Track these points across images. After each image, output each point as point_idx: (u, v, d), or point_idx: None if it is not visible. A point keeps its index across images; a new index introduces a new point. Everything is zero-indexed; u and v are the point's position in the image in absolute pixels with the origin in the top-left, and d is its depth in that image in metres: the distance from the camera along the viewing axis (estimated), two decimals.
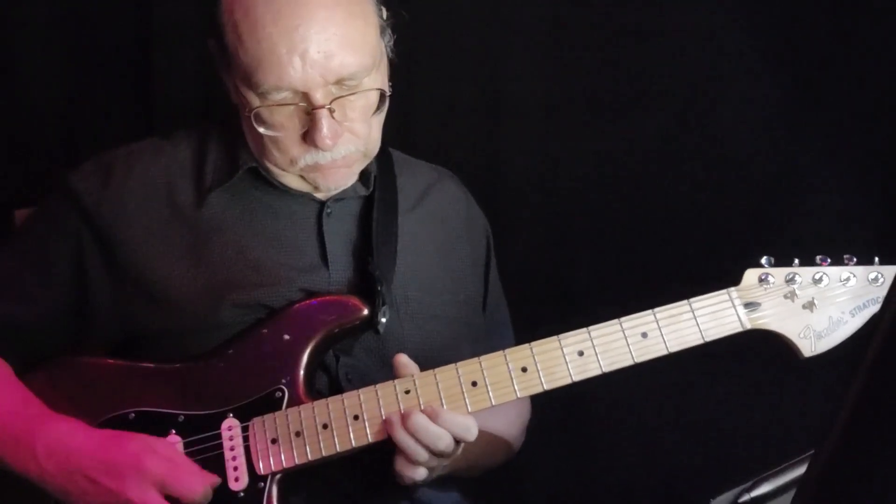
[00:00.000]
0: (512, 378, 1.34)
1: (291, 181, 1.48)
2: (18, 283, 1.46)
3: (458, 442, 1.32)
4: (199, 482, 1.31)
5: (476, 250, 1.64)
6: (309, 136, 1.37)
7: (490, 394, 1.34)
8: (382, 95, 1.41)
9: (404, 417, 1.31)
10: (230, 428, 1.36)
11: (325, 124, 1.35)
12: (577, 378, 1.35)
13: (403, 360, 1.35)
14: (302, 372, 1.38)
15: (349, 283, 1.47)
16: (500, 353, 1.36)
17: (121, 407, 1.38)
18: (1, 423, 1.35)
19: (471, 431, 1.31)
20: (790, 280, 1.40)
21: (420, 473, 1.33)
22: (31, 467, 1.33)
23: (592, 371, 1.35)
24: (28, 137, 1.93)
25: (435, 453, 1.31)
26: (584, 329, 1.36)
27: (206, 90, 1.92)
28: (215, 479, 1.33)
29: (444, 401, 1.33)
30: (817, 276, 1.40)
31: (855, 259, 1.41)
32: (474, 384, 1.34)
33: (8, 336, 1.45)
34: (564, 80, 2.00)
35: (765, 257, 1.41)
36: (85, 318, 1.45)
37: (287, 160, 1.42)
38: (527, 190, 2.03)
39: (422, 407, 1.33)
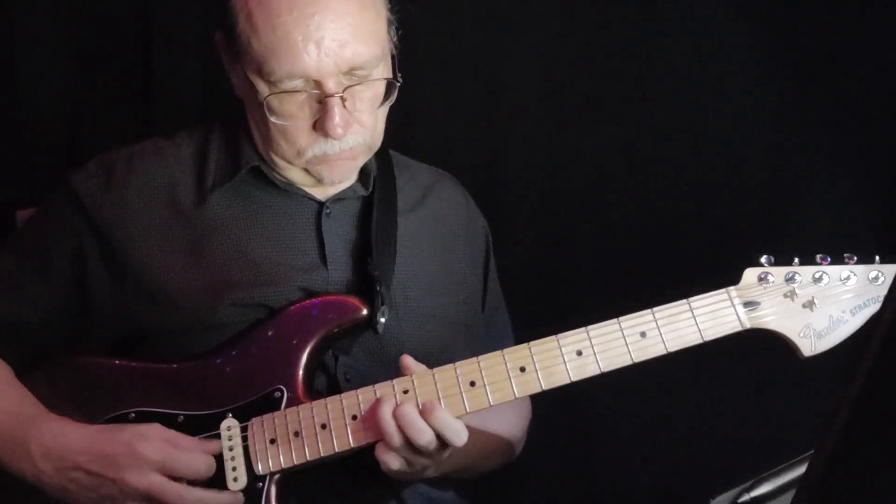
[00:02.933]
0: (510, 378, 1.34)
1: (295, 175, 1.48)
2: (19, 283, 1.47)
3: (443, 445, 1.32)
4: (198, 457, 1.32)
5: (475, 251, 1.64)
6: (320, 124, 1.38)
7: (488, 394, 1.34)
8: (390, 86, 1.42)
9: (397, 405, 1.30)
10: (229, 428, 1.36)
11: (338, 112, 1.36)
12: (575, 378, 1.35)
13: (408, 362, 1.35)
14: (301, 372, 1.38)
15: (348, 284, 1.47)
16: (499, 352, 1.36)
17: (121, 407, 1.39)
18: None
19: (460, 436, 1.31)
20: (790, 279, 1.39)
21: (395, 463, 1.31)
22: (27, 468, 1.34)
23: (591, 371, 1.35)
24: (29, 138, 1.94)
25: (413, 447, 1.30)
26: (583, 329, 1.36)
27: (206, 90, 1.93)
28: (214, 448, 1.34)
29: (442, 401, 1.33)
30: (817, 275, 1.39)
31: (855, 258, 1.40)
32: (472, 384, 1.34)
33: (8, 336, 1.46)
34: (563, 80, 2.00)
35: (764, 256, 1.41)
36: (85, 318, 1.46)
37: (294, 151, 1.42)
38: (526, 189, 2.04)
39: (419, 407, 1.32)
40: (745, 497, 1.12)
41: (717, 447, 1.89)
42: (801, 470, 1.13)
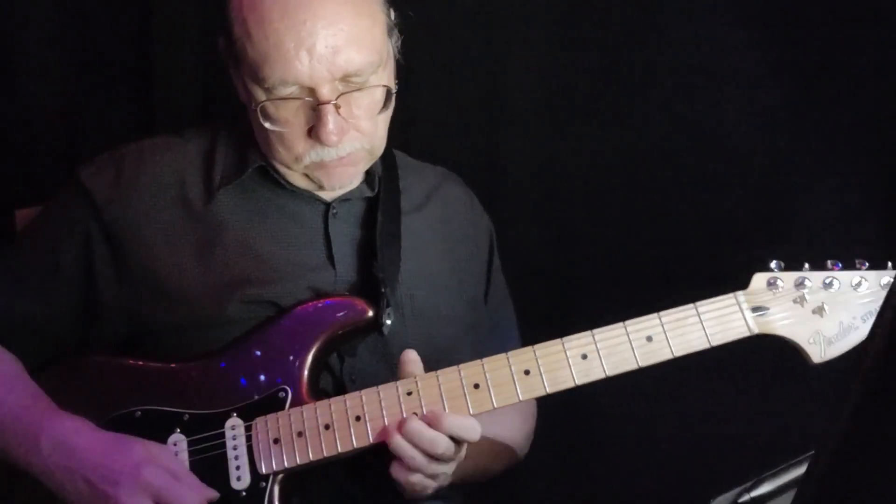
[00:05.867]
0: (514, 380, 1.37)
1: (297, 180, 1.52)
2: (29, 279, 1.52)
3: (458, 443, 1.36)
4: (196, 497, 1.35)
5: (480, 250, 1.68)
6: (314, 131, 1.42)
7: (492, 396, 1.37)
8: (389, 93, 1.45)
9: (400, 424, 1.34)
10: (233, 427, 1.40)
11: (331, 120, 1.40)
12: (580, 382, 1.38)
13: (411, 356, 1.39)
14: (306, 373, 1.42)
15: (355, 284, 1.52)
16: (503, 355, 1.39)
17: (128, 405, 1.43)
18: (9, 418, 1.40)
19: (475, 430, 1.35)
20: (800, 284, 1.42)
21: (418, 480, 1.36)
22: (35, 462, 1.37)
23: (596, 375, 1.38)
24: (29, 138, 1.98)
25: (433, 457, 1.35)
26: (588, 332, 1.39)
27: (206, 90, 1.96)
28: (213, 495, 1.37)
29: (445, 403, 1.37)
30: (828, 281, 1.42)
31: (867, 263, 1.42)
32: (476, 386, 1.38)
33: (19, 332, 1.50)
34: (565, 79, 2.03)
35: (774, 261, 1.43)
36: (93, 315, 1.50)
37: (292, 157, 1.47)
38: (527, 190, 2.06)
39: (423, 409, 1.37)
40: (745, 497, 1.14)
41: (718, 447, 1.92)
42: (801, 470, 1.14)
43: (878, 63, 1.88)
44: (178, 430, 1.41)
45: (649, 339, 1.39)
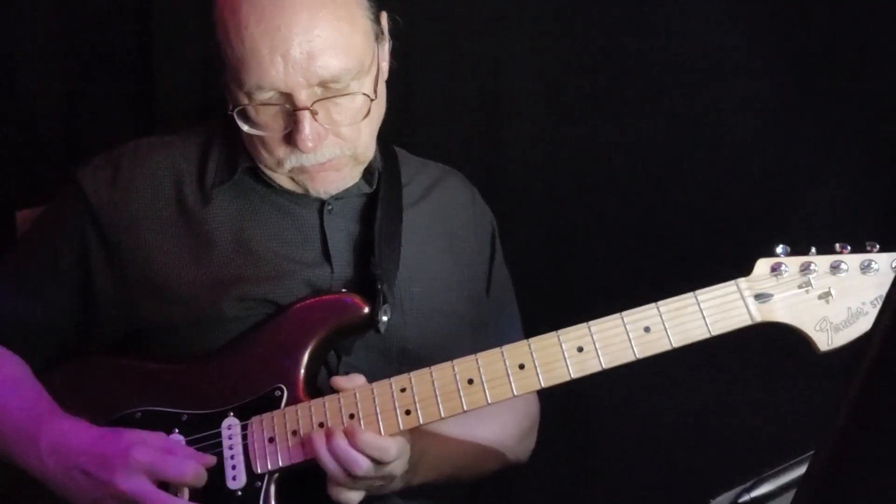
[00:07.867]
0: (509, 375, 1.35)
1: (284, 182, 1.52)
2: (29, 283, 1.52)
3: (380, 463, 1.33)
4: (188, 465, 1.33)
5: (482, 245, 1.67)
6: (291, 137, 1.41)
7: (486, 392, 1.35)
8: (370, 101, 1.43)
9: (328, 438, 1.33)
10: (230, 427, 1.40)
11: (307, 126, 1.39)
12: (575, 375, 1.35)
13: (339, 382, 1.37)
14: (302, 371, 1.41)
15: (352, 280, 1.50)
16: (498, 349, 1.37)
17: (127, 406, 1.43)
18: (11, 422, 1.41)
19: (388, 453, 1.32)
20: (805, 269, 1.35)
21: (352, 496, 1.34)
22: (35, 464, 1.38)
23: (592, 368, 1.34)
24: (29, 138, 1.98)
25: (353, 477, 1.33)
26: (584, 324, 1.35)
27: (206, 90, 1.95)
28: (208, 460, 1.37)
29: (439, 398, 1.35)
30: (835, 265, 1.35)
31: (878, 246, 1.36)
32: (470, 381, 1.35)
33: (22, 335, 1.50)
34: (565, 76, 2.01)
35: (780, 246, 1.37)
36: (92, 315, 1.50)
37: (274, 161, 1.46)
38: (527, 184, 2.04)
39: (418, 405, 1.34)
40: (745, 497, 1.10)
41: (717, 447, 1.89)
42: (801, 470, 1.10)
43: (877, 56, 1.85)
44: (177, 431, 1.40)
45: (647, 329, 1.34)
